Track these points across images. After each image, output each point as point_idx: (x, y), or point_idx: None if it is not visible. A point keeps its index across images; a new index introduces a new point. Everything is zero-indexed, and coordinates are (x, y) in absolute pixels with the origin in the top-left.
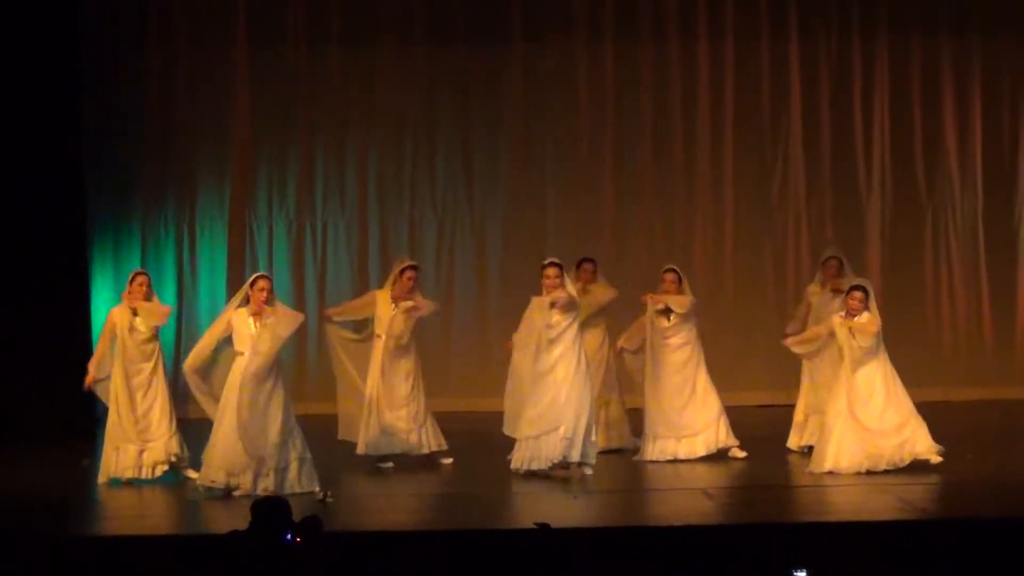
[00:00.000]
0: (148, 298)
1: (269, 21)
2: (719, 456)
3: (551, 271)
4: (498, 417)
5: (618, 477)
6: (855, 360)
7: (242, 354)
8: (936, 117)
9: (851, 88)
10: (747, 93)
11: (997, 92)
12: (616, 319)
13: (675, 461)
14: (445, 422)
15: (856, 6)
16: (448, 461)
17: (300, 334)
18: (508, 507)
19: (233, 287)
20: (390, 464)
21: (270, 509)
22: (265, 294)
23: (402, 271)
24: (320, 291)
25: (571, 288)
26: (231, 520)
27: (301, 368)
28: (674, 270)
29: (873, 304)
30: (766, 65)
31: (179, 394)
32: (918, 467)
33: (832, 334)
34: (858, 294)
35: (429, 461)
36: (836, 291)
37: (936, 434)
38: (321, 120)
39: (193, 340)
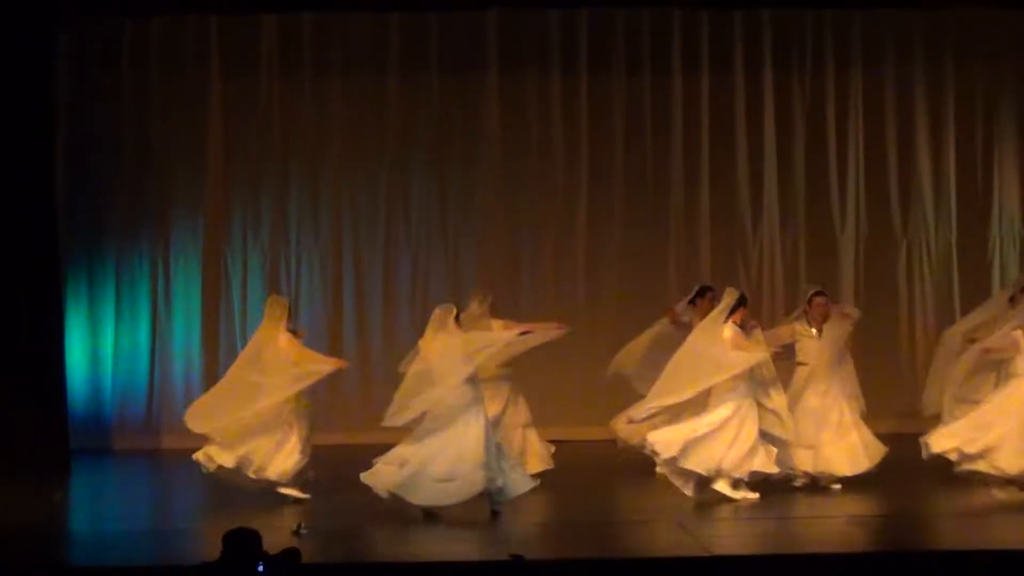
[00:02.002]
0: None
1: (243, 54)
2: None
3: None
4: None
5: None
6: None
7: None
8: (910, 151)
9: (825, 122)
10: (721, 127)
11: (971, 126)
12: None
13: None
14: None
15: (830, 41)
16: None
17: None
18: None
19: (208, 320)
20: None
21: (242, 540)
22: None
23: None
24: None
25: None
26: (202, 551)
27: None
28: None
29: None
30: (740, 99)
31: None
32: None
33: None
34: None
35: None
36: None
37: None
38: (295, 152)
39: (167, 372)
